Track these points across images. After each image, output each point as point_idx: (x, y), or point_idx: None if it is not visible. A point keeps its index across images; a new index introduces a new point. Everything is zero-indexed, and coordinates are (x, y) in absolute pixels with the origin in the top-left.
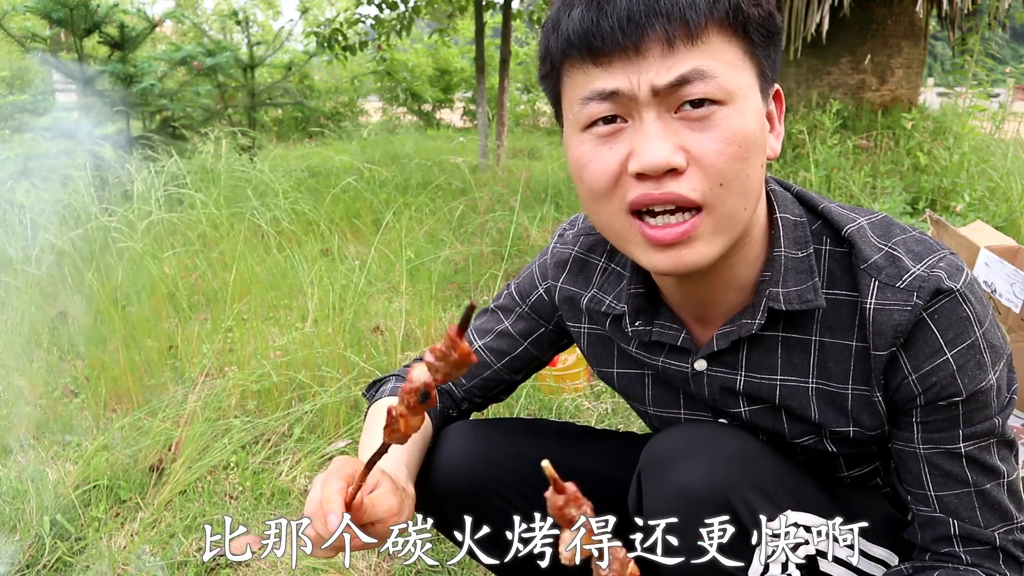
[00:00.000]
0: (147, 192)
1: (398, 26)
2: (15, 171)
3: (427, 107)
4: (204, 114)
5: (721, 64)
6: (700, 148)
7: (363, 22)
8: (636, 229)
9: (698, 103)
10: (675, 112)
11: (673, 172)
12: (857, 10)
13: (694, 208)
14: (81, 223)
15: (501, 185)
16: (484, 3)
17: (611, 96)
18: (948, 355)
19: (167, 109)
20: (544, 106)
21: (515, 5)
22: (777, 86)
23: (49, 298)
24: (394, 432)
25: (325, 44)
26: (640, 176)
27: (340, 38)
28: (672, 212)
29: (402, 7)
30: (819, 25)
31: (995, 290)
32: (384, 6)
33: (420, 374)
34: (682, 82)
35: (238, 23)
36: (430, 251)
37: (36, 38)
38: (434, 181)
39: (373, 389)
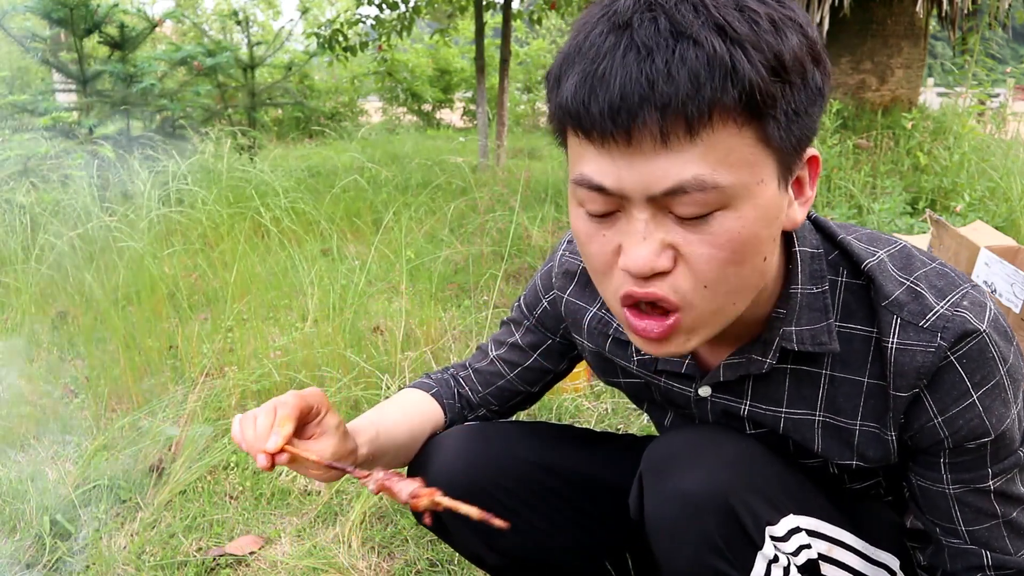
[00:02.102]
0: (148, 191)
1: (399, 26)
2: (15, 171)
3: (427, 107)
4: (204, 114)
5: (725, 165)
6: (689, 249)
7: (363, 22)
8: (625, 314)
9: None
10: (669, 211)
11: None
12: (857, 10)
13: (674, 308)
14: (81, 223)
15: (501, 185)
16: (484, 3)
17: (601, 190)
18: (975, 397)
19: (167, 109)
20: (544, 106)
21: (515, 5)
22: (814, 151)
23: (49, 298)
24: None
25: (326, 45)
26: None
27: (341, 39)
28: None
29: (403, 7)
30: (819, 25)
31: (995, 290)
32: (384, 6)
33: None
34: (677, 191)
35: (238, 23)
36: (430, 251)
37: (36, 38)
38: (434, 181)
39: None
